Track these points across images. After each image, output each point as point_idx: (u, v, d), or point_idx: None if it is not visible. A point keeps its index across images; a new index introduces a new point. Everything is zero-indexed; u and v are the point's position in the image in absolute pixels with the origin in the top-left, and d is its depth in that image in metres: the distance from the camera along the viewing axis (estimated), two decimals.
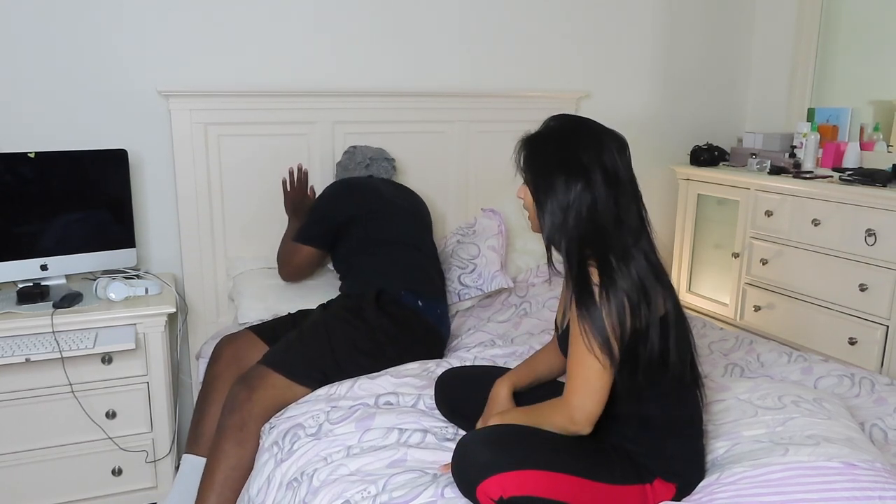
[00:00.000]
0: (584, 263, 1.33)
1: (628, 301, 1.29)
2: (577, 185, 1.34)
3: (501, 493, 1.22)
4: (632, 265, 1.31)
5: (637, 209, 1.39)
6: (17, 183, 2.10)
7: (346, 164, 2.45)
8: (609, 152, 1.37)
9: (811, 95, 3.13)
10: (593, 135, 1.39)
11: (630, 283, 1.30)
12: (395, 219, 2.25)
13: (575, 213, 1.34)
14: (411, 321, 2.03)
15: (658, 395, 1.36)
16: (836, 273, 2.54)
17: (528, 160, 1.42)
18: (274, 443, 1.65)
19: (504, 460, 1.25)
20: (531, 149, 1.43)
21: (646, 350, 1.32)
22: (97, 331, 2.06)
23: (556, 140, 1.40)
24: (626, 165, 1.39)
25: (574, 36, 2.99)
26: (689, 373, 1.40)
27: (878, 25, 2.92)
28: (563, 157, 1.37)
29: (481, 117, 2.81)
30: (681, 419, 1.40)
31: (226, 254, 2.52)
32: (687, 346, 1.40)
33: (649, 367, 1.32)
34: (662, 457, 1.37)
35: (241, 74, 2.49)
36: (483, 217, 2.64)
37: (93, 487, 2.16)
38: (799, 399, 1.58)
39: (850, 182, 2.54)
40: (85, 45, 2.30)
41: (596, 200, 1.34)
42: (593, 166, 1.34)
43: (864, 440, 1.42)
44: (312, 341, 1.91)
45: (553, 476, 1.26)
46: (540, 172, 1.39)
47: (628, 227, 1.36)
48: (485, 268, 2.44)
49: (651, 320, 1.31)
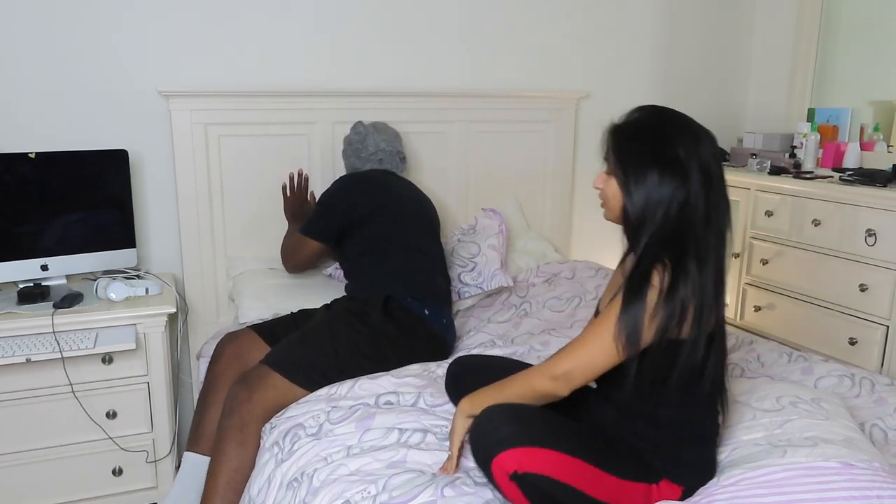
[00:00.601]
0: (653, 263, 1.29)
1: (681, 310, 1.27)
2: (672, 181, 1.30)
3: (516, 467, 1.23)
4: (705, 272, 1.29)
5: (726, 208, 1.35)
6: (17, 183, 2.10)
7: (358, 151, 2.39)
8: (705, 147, 1.32)
9: (811, 95, 3.13)
10: (689, 129, 1.34)
11: (694, 291, 1.27)
12: (403, 219, 2.22)
13: (664, 210, 1.30)
14: (417, 328, 2.02)
15: (680, 402, 1.36)
16: (836, 273, 2.54)
17: (618, 150, 1.36)
18: (274, 443, 1.65)
19: (524, 436, 1.25)
20: (622, 138, 1.37)
21: (689, 361, 1.30)
22: (97, 331, 2.06)
23: (651, 132, 1.34)
24: (717, 163, 1.34)
25: (574, 36, 2.99)
26: (714, 386, 1.39)
27: (878, 25, 2.92)
28: (660, 150, 1.31)
29: (481, 117, 2.81)
30: (697, 426, 1.40)
31: (226, 253, 2.52)
32: (722, 362, 1.38)
33: (682, 376, 1.32)
34: (673, 459, 1.37)
35: (241, 74, 2.49)
36: (483, 217, 2.64)
37: (93, 487, 2.16)
38: (797, 400, 1.58)
39: (851, 182, 2.54)
40: (85, 45, 2.30)
41: (689, 198, 1.30)
42: (691, 162, 1.30)
43: (862, 440, 1.42)
44: (315, 343, 1.90)
45: (568, 459, 1.26)
46: (632, 163, 1.33)
47: (715, 228, 1.32)
48: (485, 266, 2.45)
49: (701, 333, 1.30)
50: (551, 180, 2.99)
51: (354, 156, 2.40)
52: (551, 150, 2.97)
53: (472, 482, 1.37)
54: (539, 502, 1.25)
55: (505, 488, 1.26)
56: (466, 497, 1.32)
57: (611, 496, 1.30)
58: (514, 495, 1.25)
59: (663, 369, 1.31)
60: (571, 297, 2.45)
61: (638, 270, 1.31)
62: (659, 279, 1.28)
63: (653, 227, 1.32)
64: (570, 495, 1.26)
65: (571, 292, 2.48)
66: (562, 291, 2.50)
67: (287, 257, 2.34)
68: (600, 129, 1.44)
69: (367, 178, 2.29)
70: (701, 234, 1.30)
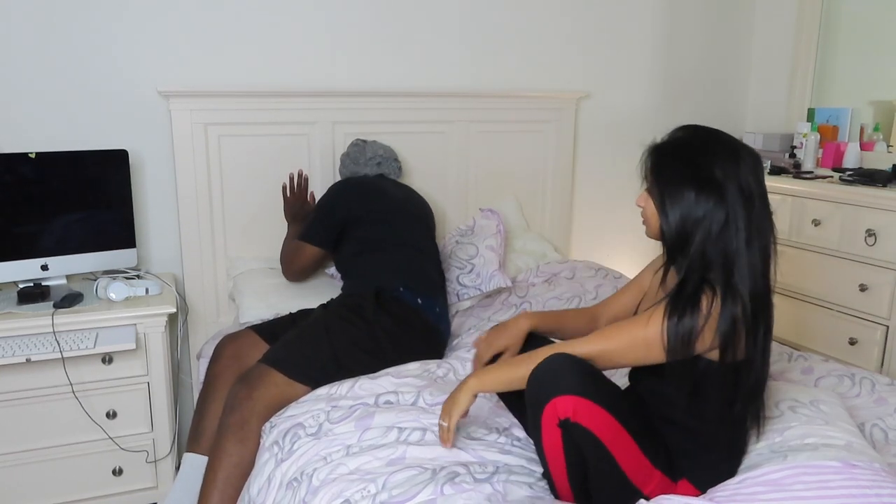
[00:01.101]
0: (700, 286, 1.30)
1: (734, 332, 1.28)
2: (709, 200, 1.29)
3: (570, 414, 1.24)
4: (753, 293, 1.29)
5: (770, 229, 1.35)
6: (17, 183, 2.10)
7: (357, 158, 2.42)
8: (746, 168, 1.31)
9: (811, 95, 3.13)
10: (729, 149, 1.33)
11: (744, 312, 1.28)
12: (398, 221, 2.25)
13: (703, 231, 1.30)
14: (411, 319, 2.03)
15: (717, 417, 1.37)
16: (836, 273, 2.54)
17: (656, 169, 1.37)
18: (274, 442, 1.65)
19: (587, 389, 1.27)
20: (660, 157, 1.37)
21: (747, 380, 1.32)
22: (97, 331, 2.06)
23: (689, 151, 1.35)
24: (759, 182, 1.33)
25: (574, 36, 2.99)
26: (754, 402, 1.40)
27: (878, 25, 2.92)
28: (696, 170, 1.31)
29: (481, 117, 2.81)
30: (729, 440, 1.41)
31: (226, 254, 2.52)
32: (763, 380, 1.39)
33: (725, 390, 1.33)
34: (698, 465, 1.38)
35: (240, 74, 2.49)
36: (481, 217, 2.64)
37: (93, 487, 2.16)
38: (795, 404, 1.57)
39: (850, 182, 2.54)
40: (85, 45, 2.30)
41: (728, 219, 1.29)
42: (729, 182, 1.29)
43: (862, 444, 1.42)
44: (312, 340, 1.91)
45: (617, 426, 1.28)
46: (668, 182, 1.34)
47: (758, 248, 1.31)
48: (483, 268, 2.45)
49: (756, 351, 1.32)
50: (551, 180, 2.99)
51: (353, 164, 2.43)
52: (551, 150, 2.97)
53: (472, 479, 1.37)
54: (571, 456, 1.27)
55: (547, 432, 1.27)
56: (466, 494, 1.32)
57: (637, 476, 1.32)
58: (553, 442, 1.27)
59: (727, 392, 1.33)
60: (571, 297, 2.45)
61: (684, 292, 1.31)
62: (707, 305, 1.28)
63: (693, 246, 1.32)
64: (602, 459, 1.28)
65: (571, 292, 2.48)
66: (561, 291, 2.49)
67: (287, 264, 2.34)
68: (600, 129, 1.45)
69: (362, 182, 2.32)
70: (744, 255, 1.30)
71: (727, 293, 1.28)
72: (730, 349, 1.29)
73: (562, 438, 1.27)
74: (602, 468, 1.29)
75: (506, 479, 1.38)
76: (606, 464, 1.28)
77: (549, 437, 1.28)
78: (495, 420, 1.64)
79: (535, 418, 1.31)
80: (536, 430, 1.31)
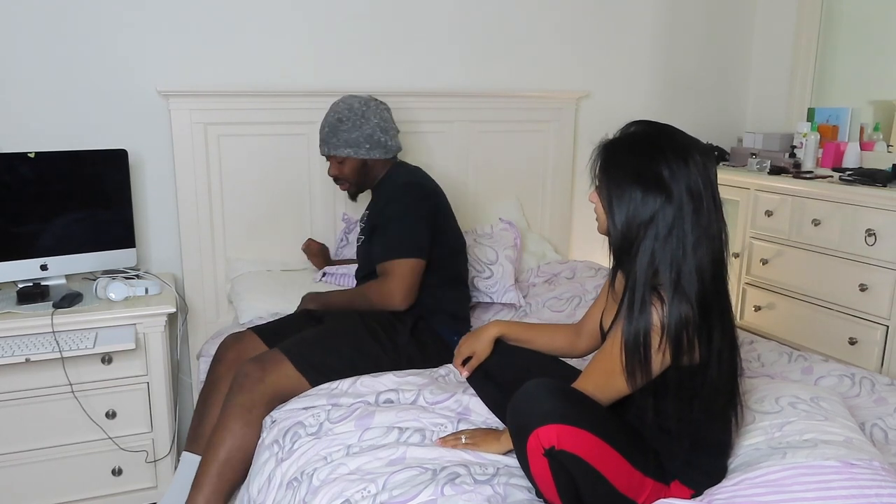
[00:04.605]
0: (647, 293, 1.27)
1: (686, 339, 1.26)
2: (655, 200, 1.26)
3: (554, 443, 1.22)
4: (704, 295, 1.27)
5: (719, 229, 1.30)
6: (17, 183, 2.10)
7: (387, 128, 2.18)
8: (695, 167, 1.27)
9: (811, 95, 3.13)
10: (678, 146, 1.28)
11: (694, 316, 1.25)
12: (462, 255, 2.25)
13: (650, 233, 1.27)
14: (442, 353, 2.03)
15: (694, 415, 1.35)
16: (836, 273, 2.54)
17: (603, 168, 1.33)
18: (274, 441, 1.65)
19: (567, 413, 1.25)
20: (607, 156, 1.34)
21: (707, 382, 1.31)
22: (97, 331, 2.06)
23: (637, 149, 1.31)
24: (709, 183, 1.29)
25: (574, 36, 2.99)
26: (726, 398, 1.38)
27: (878, 25, 2.92)
28: (643, 169, 1.28)
29: (481, 117, 2.81)
30: (711, 437, 1.40)
31: (225, 253, 2.52)
32: (735, 375, 1.37)
33: (682, 393, 1.33)
34: (686, 465, 1.38)
35: (241, 74, 2.49)
36: (500, 227, 2.65)
37: (93, 487, 2.16)
38: (796, 400, 1.57)
39: (850, 182, 2.53)
40: (85, 44, 2.30)
41: (676, 219, 1.26)
42: (676, 182, 1.26)
43: (862, 440, 1.42)
44: (335, 346, 1.90)
45: (602, 445, 1.26)
46: (614, 182, 1.30)
47: (708, 248, 1.28)
48: (501, 279, 2.44)
49: (711, 354, 1.29)
50: (551, 180, 2.99)
51: (387, 136, 2.18)
52: (551, 150, 2.96)
53: (473, 480, 1.37)
54: (562, 481, 1.26)
55: (534, 462, 1.26)
56: (466, 495, 1.32)
57: (630, 489, 1.31)
58: (541, 470, 1.26)
59: (685, 398, 1.32)
60: (571, 297, 2.45)
61: (633, 299, 1.28)
62: (658, 315, 1.26)
63: (639, 247, 1.28)
64: (593, 480, 1.26)
65: (571, 292, 2.48)
66: (562, 291, 2.49)
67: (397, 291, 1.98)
68: (601, 129, 1.43)
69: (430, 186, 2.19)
70: (693, 256, 1.27)
71: (674, 297, 1.25)
72: (683, 354, 1.27)
73: (549, 466, 1.25)
74: (594, 489, 1.27)
75: (506, 482, 1.38)
76: (598, 483, 1.27)
77: (537, 467, 1.26)
78: (496, 421, 1.64)
79: (520, 449, 1.30)
80: (523, 458, 1.30)
